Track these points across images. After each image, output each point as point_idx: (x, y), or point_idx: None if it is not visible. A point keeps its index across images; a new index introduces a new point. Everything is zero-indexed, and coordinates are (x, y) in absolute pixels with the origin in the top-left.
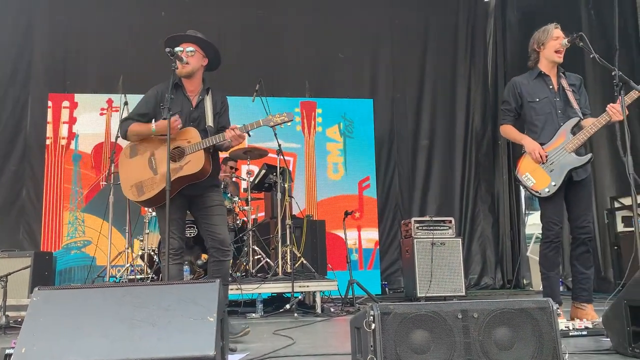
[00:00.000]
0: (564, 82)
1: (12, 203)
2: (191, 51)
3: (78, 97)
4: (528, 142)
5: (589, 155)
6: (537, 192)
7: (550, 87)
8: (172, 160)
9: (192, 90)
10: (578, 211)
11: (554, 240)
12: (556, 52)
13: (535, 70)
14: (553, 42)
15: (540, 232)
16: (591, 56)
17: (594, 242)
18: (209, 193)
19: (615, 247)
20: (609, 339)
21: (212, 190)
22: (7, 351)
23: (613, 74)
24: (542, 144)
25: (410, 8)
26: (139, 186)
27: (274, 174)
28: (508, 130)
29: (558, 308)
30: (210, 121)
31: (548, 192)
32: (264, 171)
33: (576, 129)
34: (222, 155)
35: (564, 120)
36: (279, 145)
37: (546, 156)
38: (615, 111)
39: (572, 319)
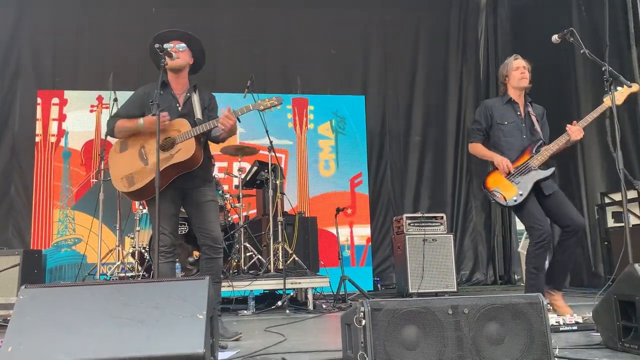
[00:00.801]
0: (530, 110)
1: (0, 201)
2: (182, 47)
3: (68, 94)
4: (497, 157)
5: (552, 169)
6: (505, 202)
7: (518, 113)
8: (162, 150)
9: (179, 88)
10: (562, 216)
11: (541, 241)
12: (520, 79)
13: (506, 97)
14: (514, 72)
15: None
16: (581, 51)
17: (583, 235)
18: (202, 188)
19: (606, 243)
20: (599, 334)
21: (205, 185)
22: None
23: (603, 69)
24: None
25: (402, 4)
26: (129, 177)
27: (266, 170)
28: (478, 148)
29: (548, 303)
30: (199, 114)
31: (515, 201)
32: (255, 168)
33: (538, 149)
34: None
35: (528, 142)
36: (271, 142)
37: (512, 170)
38: (574, 130)
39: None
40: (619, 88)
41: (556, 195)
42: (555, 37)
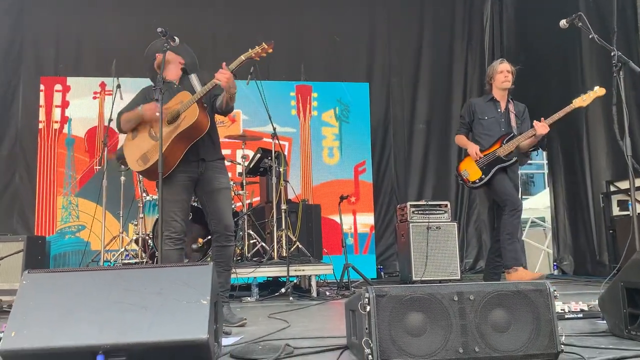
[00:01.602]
0: (511, 107)
1: (4, 188)
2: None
3: (70, 81)
4: (471, 146)
5: (514, 159)
6: (470, 182)
7: (499, 110)
8: (169, 124)
9: (173, 78)
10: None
11: (514, 209)
12: (503, 82)
13: (488, 96)
14: (499, 75)
15: (533, 215)
16: (590, 37)
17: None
18: (216, 174)
19: (611, 231)
20: (604, 322)
21: (219, 171)
22: None
23: (612, 54)
24: (482, 149)
25: None
26: (143, 157)
27: (269, 158)
28: (461, 139)
29: (555, 290)
30: (198, 89)
31: (478, 182)
32: (258, 155)
33: (508, 140)
34: None
35: (504, 134)
36: (274, 129)
37: (482, 156)
38: (540, 125)
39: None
40: (589, 92)
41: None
42: (563, 22)
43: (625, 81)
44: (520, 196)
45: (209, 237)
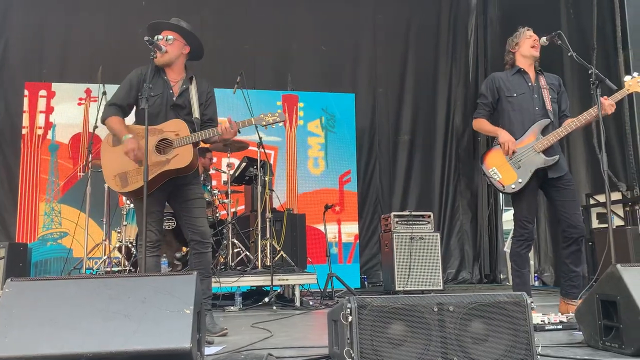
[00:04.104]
0: (542, 80)
1: None
2: (170, 39)
3: (55, 86)
4: (503, 134)
5: (556, 157)
6: (503, 187)
7: (529, 83)
8: (158, 152)
9: (174, 77)
10: (567, 210)
11: (528, 238)
12: (532, 47)
13: (514, 68)
14: (527, 40)
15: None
16: (569, 54)
17: (583, 242)
18: (190, 186)
19: (590, 243)
20: (581, 333)
21: (193, 183)
22: None
23: (590, 72)
24: (515, 139)
25: (393, 3)
26: (122, 177)
27: (255, 167)
28: (482, 123)
29: (532, 302)
30: (197, 113)
31: (514, 188)
32: (244, 164)
33: (546, 130)
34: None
35: (540, 116)
36: (260, 138)
37: (514, 152)
38: (608, 104)
39: (562, 314)
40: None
41: (566, 183)
42: (543, 39)
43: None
44: (502, 207)
45: None
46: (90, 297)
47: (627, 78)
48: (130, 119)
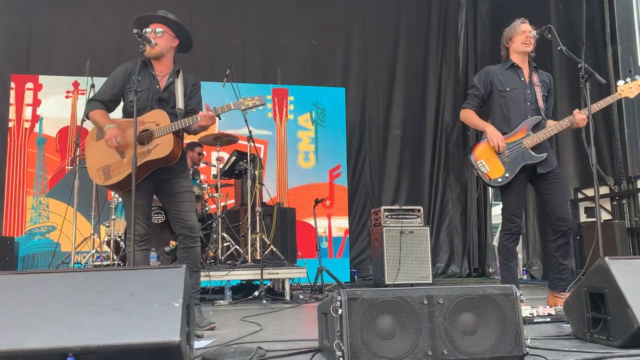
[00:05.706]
0: (535, 77)
1: None
2: (160, 32)
3: (42, 79)
4: (491, 130)
5: (544, 155)
6: (489, 179)
7: (522, 78)
8: (139, 144)
9: (161, 70)
10: (555, 203)
11: (516, 232)
12: (524, 43)
13: (508, 62)
14: (519, 35)
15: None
16: (559, 48)
17: (572, 235)
18: (178, 179)
19: (578, 237)
20: (569, 325)
21: (181, 176)
22: None
23: (579, 66)
24: (503, 134)
25: None
26: (105, 170)
27: (245, 160)
28: (469, 115)
29: (521, 294)
30: (180, 104)
31: (500, 182)
32: (234, 158)
33: (536, 127)
34: (188, 140)
35: (532, 112)
36: (250, 132)
37: (504, 147)
38: (581, 118)
39: (550, 307)
40: (637, 77)
41: (554, 177)
42: (533, 33)
43: (592, 92)
44: (491, 201)
45: None
46: (77, 291)
47: (620, 83)
48: (117, 115)
